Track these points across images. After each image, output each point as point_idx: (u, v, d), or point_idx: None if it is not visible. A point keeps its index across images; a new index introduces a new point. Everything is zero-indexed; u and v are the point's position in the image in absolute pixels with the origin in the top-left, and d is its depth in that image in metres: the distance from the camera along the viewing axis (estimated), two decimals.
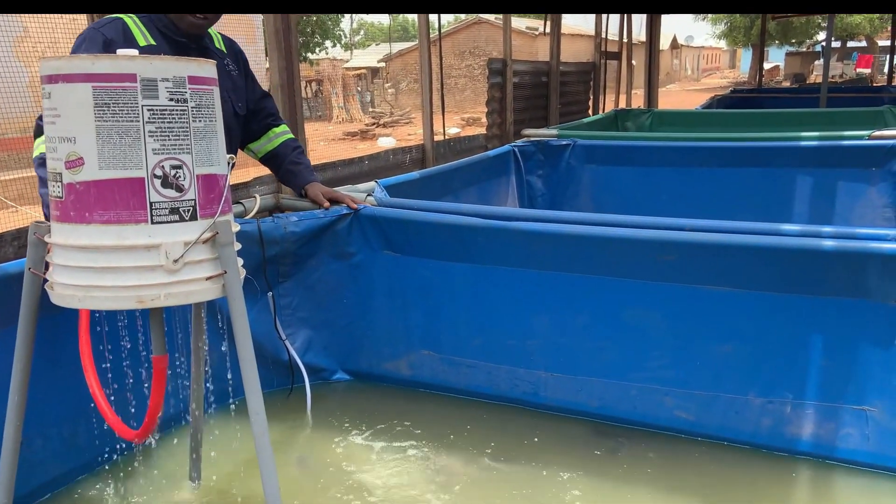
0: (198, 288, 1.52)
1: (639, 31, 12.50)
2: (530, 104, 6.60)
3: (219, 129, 1.56)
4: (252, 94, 2.56)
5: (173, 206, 1.46)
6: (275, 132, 2.66)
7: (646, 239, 2.28)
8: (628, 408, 2.44)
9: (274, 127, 2.66)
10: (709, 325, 2.31)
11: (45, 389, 1.98)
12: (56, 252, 1.48)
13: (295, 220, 2.68)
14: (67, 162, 1.41)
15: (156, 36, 2.19)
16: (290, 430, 2.54)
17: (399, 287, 2.76)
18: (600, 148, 4.58)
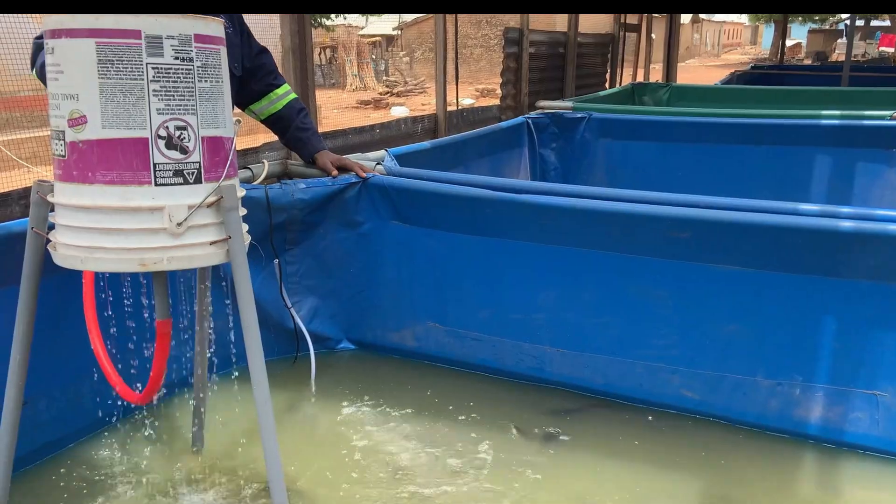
0: (201, 252, 1.50)
1: None
2: (546, 75, 6.49)
3: (225, 90, 1.53)
4: (248, 51, 2.47)
5: (177, 168, 1.43)
6: (277, 94, 2.58)
7: (659, 215, 2.24)
8: (633, 385, 2.42)
9: (276, 88, 2.58)
10: (718, 305, 2.27)
11: (49, 350, 1.98)
12: (59, 212, 1.46)
13: (303, 186, 2.65)
14: (70, 120, 1.38)
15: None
16: (293, 398, 2.54)
17: (406, 258, 2.73)
18: (616, 122, 4.51)
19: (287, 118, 2.61)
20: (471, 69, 26.18)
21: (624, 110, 4.77)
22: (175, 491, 1.99)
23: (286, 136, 2.68)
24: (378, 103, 19.98)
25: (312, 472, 2.10)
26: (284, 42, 3.43)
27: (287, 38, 3.39)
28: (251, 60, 2.49)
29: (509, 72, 5.95)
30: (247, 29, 2.50)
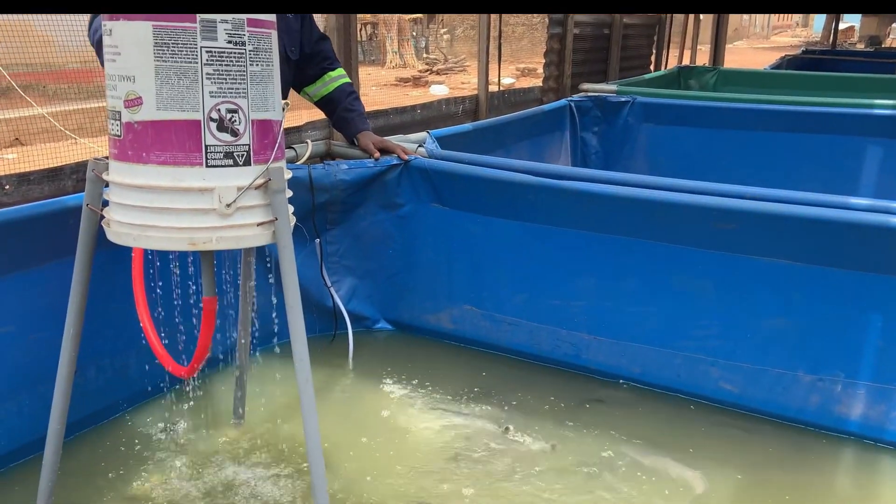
0: (249, 233, 1.53)
1: None
2: (590, 57, 6.39)
3: (275, 73, 1.54)
4: (308, 38, 2.51)
5: (228, 150, 1.46)
6: (330, 76, 2.62)
7: (705, 205, 2.21)
8: (671, 375, 2.41)
9: (330, 71, 2.62)
10: (762, 298, 2.24)
11: (99, 322, 2.04)
12: (113, 190, 1.50)
13: (345, 168, 2.67)
14: (126, 101, 1.41)
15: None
16: (330, 376, 2.59)
17: (445, 240, 2.74)
18: (661, 106, 4.43)
19: (336, 100, 2.64)
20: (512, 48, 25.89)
21: (669, 95, 4.68)
22: (215, 462, 2.04)
23: (334, 116, 2.71)
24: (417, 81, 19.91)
25: (347, 447, 2.14)
26: (329, 21, 3.43)
27: (332, 17, 3.39)
28: (311, 46, 2.53)
29: (552, 53, 5.87)
30: (309, 15, 2.52)
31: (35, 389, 1.95)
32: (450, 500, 1.93)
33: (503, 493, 1.96)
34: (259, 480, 1.97)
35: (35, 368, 1.94)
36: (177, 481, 1.96)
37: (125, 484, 1.94)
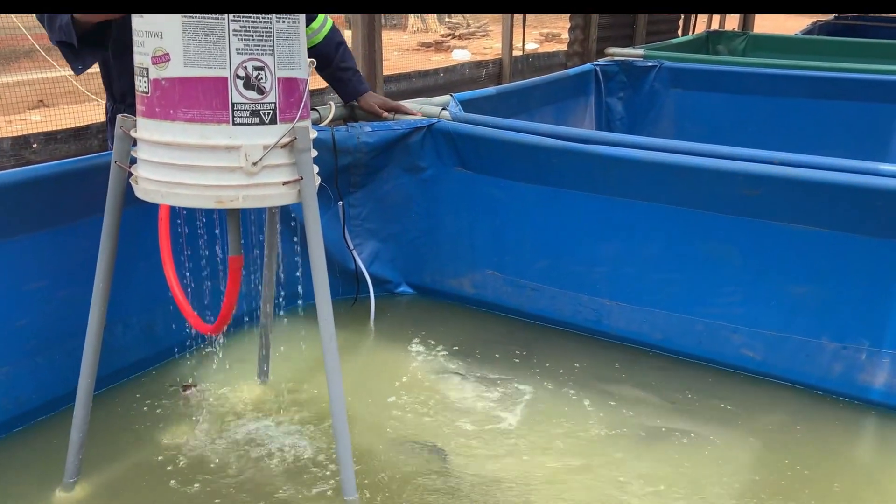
0: (274, 192, 1.53)
1: None
2: (616, 21, 6.29)
3: (301, 31, 1.54)
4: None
5: (254, 108, 1.46)
6: (312, 28, 2.46)
7: (731, 170, 2.18)
8: (693, 342, 2.41)
9: (311, 21, 2.45)
10: (786, 264, 2.22)
11: (126, 279, 2.07)
12: (141, 147, 1.51)
13: (368, 130, 2.67)
14: (154, 57, 1.41)
15: None
16: (353, 338, 2.61)
17: (468, 205, 2.74)
18: (688, 71, 4.35)
19: (325, 55, 2.48)
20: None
21: (697, 59, 4.59)
22: (240, 419, 2.08)
23: (325, 72, 2.57)
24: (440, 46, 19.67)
25: (370, 407, 2.17)
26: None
27: None
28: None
29: (578, 17, 5.78)
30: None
31: (66, 344, 1.99)
32: (473, 461, 1.95)
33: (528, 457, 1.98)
34: (283, 436, 2.01)
35: (66, 324, 1.98)
36: (202, 436, 2.00)
37: (152, 438, 1.99)
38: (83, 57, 1.86)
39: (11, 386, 1.92)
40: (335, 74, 2.59)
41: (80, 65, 1.90)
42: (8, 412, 1.92)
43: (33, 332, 1.95)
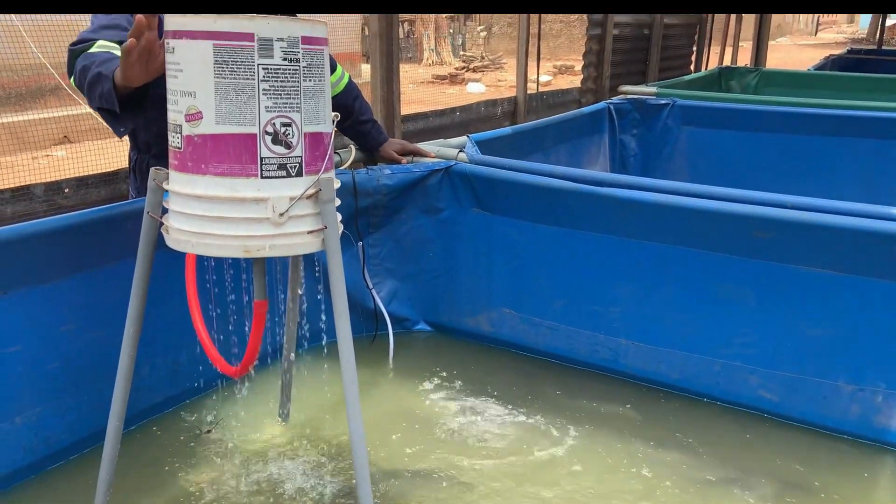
0: (300, 241, 1.59)
1: None
2: (629, 58, 6.38)
3: (326, 87, 1.60)
4: None
5: (281, 162, 1.52)
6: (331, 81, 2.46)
7: (744, 214, 2.22)
8: (710, 383, 2.42)
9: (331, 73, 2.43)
10: (801, 307, 2.24)
11: (153, 320, 2.12)
12: (173, 199, 1.58)
13: (388, 172, 2.73)
14: (187, 115, 1.48)
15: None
16: (371, 375, 2.65)
17: (485, 244, 2.79)
18: (701, 109, 4.41)
19: (344, 107, 2.54)
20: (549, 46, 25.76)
21: (709, 97, 4.65)
22: (262, 459, 2.12)
23: (345, 125, 2.63)
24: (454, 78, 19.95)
25: (389, 445, 2.20)
26: (371, 27, 3.50)
27: (374, 23, 3.45)
28: None
29: (591, 54, 5.88)
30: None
31: (94, 384, 2.04)
32: (491, 500, 1.97)
33: (544, 494, 2.00)
34: (303, 477, 2.04)
35: (94, 365, 2.04)
36: (224, 477, 2.04)
37: (176, 478, 2.03)
38: (124, 121, 1.92)
39: (41, 426, 1.97)
40: (355, 128, 2.67)
41: (122, 128, 1.95)
42: (38, 452, 1.97)
43: (63, 373, 2.00)
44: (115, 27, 1.93)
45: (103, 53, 1.84)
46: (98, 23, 1.94)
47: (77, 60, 1.87)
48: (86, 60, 1.83)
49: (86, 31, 1.95)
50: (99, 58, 1.81)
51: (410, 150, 2.79)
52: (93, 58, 1.82)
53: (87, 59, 1.83)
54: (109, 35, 1.91)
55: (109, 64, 1.77)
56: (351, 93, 2.62)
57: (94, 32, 1.92)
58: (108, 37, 1.91)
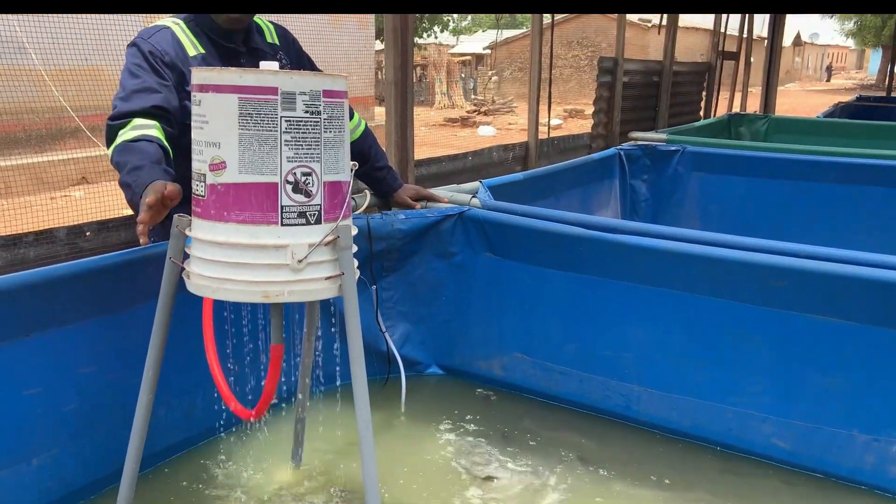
0: (317, 287, 1.62)
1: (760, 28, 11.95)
2: (639, 104, 6.47)
3: (345, 138, 1.66)
4: None
5: (301, 210, 1.57)
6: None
7: (756, 262, 2.23)
8: (723, 430, 2.41)
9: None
10: (815, 355, 2.24)
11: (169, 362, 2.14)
12: (195, 245, 1.62)
13: (402, 217, 2.78)
14: (211, 165, 1.54)
15: (205, 43, 2.17)
16: (384, 419, 2.65)
17: (497, 289, 2.81)
18: (711, 156, 4.46)
19: (361, 154, 2.59)
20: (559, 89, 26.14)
21: (719, 144, 4.70)
22: (275, 503, 2.12)
23: (360, 171, 2.61)
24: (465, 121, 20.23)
25: (400, 488, 2.20)
26: (387, 75, 3.58)
27: (390, 72, 3.53)
28: None
29: (602, 100, 5.97)
30: (305, 57, 2.50)
31: (110, 426, 2.06)
32: None
33: None
34: None
35: (111, 406, 2.06)
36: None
37: None
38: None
39: (58, 468, 1.99)
40: (371, 174, 2.72)
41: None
42: (53, 493, 1.98)
43: (80, 414, 2.03)
44: (145, 90, 2.01)
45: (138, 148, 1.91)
46: (129, 87, 2.01)
47: (115, 149, 1.95)
48: (121, 156, 1.91)
49: (118, 97, 2.03)
50: (133, 159, 1.88)
51: (424, 195, 2.84)
52: (127, 156, 1.89)
53: (124, 154, 1.90)
54: (142, 101, 1.99)
55: (136, 176, 1.84)
56: (367, 139, 2.69)
57: (127, 101, 2.00)
58: (141, 104, 1.99)
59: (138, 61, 2.05)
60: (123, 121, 1.97)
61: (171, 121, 2.03)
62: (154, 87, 2.01)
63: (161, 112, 2.01)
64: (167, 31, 2.14)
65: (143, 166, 1.85)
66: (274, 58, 2.32)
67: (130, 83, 2.01)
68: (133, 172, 1.84)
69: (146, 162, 1.86)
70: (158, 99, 2.01)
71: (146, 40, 2.09)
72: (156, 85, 2.01)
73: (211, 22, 2.17)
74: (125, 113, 1.97)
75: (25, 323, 1.88)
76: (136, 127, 1.95)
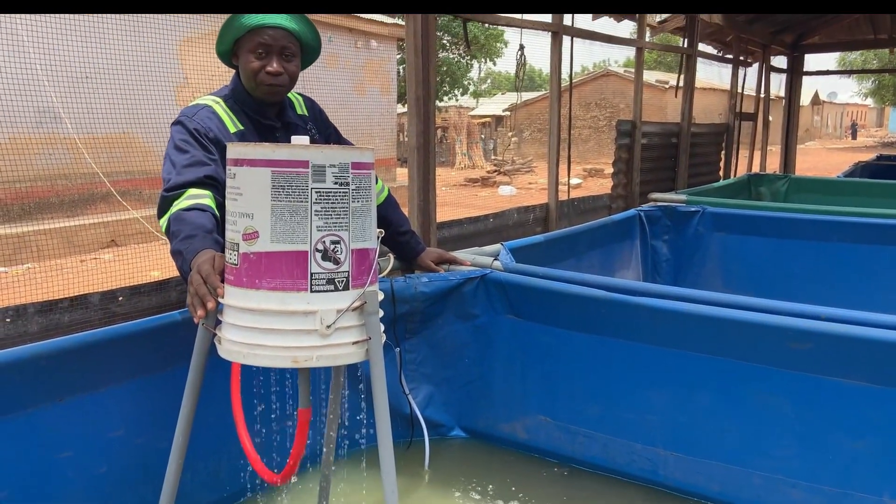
0: (345, 351, 1.66)
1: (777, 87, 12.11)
2: (658, 165, 6.55)
3: (372, 207, 1.72)
4: None
5: (330, 276, 1.62)
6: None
7: (779, 325, 2.24)
8: (751, 496, 2.37)
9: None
10: (842, 419, 2.22)
11: (195, 425, 2.19)
12: (227, 312, 1.67)
13: (425, 280, 2.83)
14: (245, 234, 1.60)
15: (243, 120, 2.26)
16: (408, 482, 2.64)
17: (519, 351, 2.83)
18: (731, 216, 4.48)
19: (384, 220, 2.65)
20: (579, 149, 26.48)
21: (739, 205, 4.73)
22: None
23: (384, 236, 2.76)
24: (486, 181, 20.50)
25: None
26: (410, 141, 3.69)
27: (413, 138, 3.65)
28: None
29: (621, 162, 6.06)
30: (332, 129, 2.60)
31: (138, 489, 2.09)
32: None
33: None
34: None
35: (140, 469, 2.09)
36: None
37: None
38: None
39: None
40: (395, 238, 2.77)
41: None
42: None
43: (110, 478, 2.05)
44: (196, 164, 2.10)
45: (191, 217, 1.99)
46: (180, 162, 2.11)
47: (170, 217, 2.03)
48: (176, 225, 1.99)
49: (169, 170, 2.12)
50: (186, 228, 1.95)
51: (447, 259, 2.90)
52: (181, 225, 1.97)
53: (178, 223, 1.98)
54: (193, 175, 2.08)
55: (189, 244, 1.91)
56: (390, 206, 2.76)
57: (180, 175, 2.09)
58: (195, 175, 2.08)
59: (185, 137, 2.15)
60: (178, 191, 2.05)
61: (221, 191, 2.11)
62: (203, 161, 2.11)
63: (213, 182, 2.10)
64: (208, 108, 2.24)
65: (195, 235, 1.92)
66: (305, 129, 2.42)
67: (181, 158, 2.11)
68: (185, 241, 1.92)
69: (199, 231, 1.93)
70: (209, 170, 2.10)
71: (191, 118, 2.19)
72: (205, 158, 2.11)
73: (248, 98, 2.28)
74: (180, 184, 2.06)
75: (59, 387, 1.93)
76: (189, 196, 2.04)
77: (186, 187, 2.05)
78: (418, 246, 2.85)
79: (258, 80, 2.20)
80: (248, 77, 2.22)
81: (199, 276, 1.74)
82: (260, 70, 2.18)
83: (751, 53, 8.72)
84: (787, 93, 9.11)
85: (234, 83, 2.30)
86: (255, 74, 2.19)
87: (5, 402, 1.82)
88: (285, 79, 2.23)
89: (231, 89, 2.30)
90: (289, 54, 2.22)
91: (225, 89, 2.32)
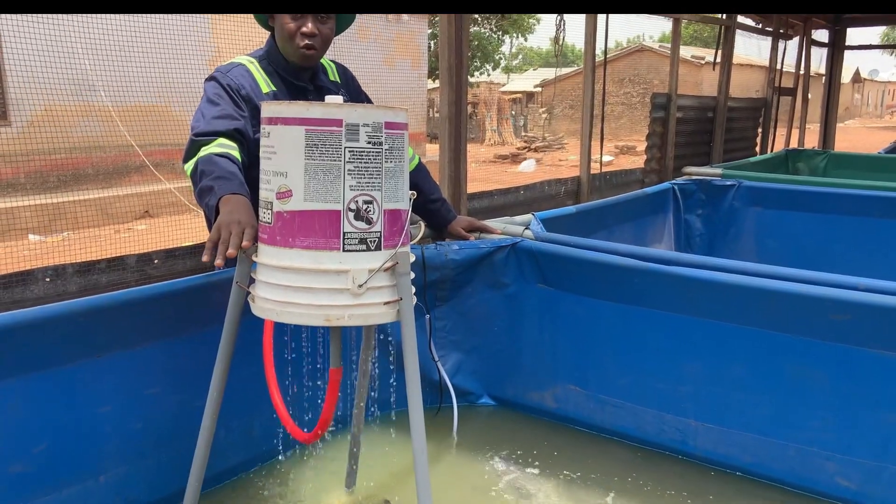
0: (376, 311, 1.67)
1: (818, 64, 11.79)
2: (693, 139, 6.43)
3: (405, 168, 1.71)
4: None
5: (362, 236, 1.62)
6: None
7: (816, 296, 2.20)
8: (784, 468, 2.35)
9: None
10: (879, 391, 2.18)
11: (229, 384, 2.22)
12: (260, 270, 1.69)
13: (456, 248, 2.82)
14: (278, 193, 1.61)
15: (276, 82, 2.27)
16: (435, 449, 2.66)
17: (549, 320, 2.82)
18: (768, 191, 4.40)
19: (415, 186, 2.59)
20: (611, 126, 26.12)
21: (777, 179, 4.64)
22: None
23: (415, 202, 2.78)
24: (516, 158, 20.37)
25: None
26: (442, 111, 3.66)
27: (444, 108, 3.62)
28: None
29: (655, 136, 5.96)
30: (363, 95, 2.60)
31: (174, 445, 2.13)
32: None
33: None
34: None
35: (175, 426, 2.13)
36: None
37: None
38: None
39: (123, 486, 2.06)
40: (425, 206, 2.75)
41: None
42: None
43: (146, 434, 2.10)
44: (227, 116, 2.12)
45: (223, 162, 1.99)
46: (210, 114, 2.12)
47: (199, 159, 2.03)
48: (207, 165, 1.99)
49: (199, 119, 2.13)
50: (218, 169, 1.96)
51: (478, 226, 2.88)
52: (213, 166, 1.97)
53: (209, 164, 1.99)
54: (223, 126, 2.09)
55: (223, 183, 1.92)
56: (421, 173, 2.75)
57: (209, 124, 2.10)
58: (225, 126, 2.09)
59: (218, 91, 2.17)
60: (209, 137, 2.07)
61: (246, 148, 2.13)
62: (234, 115, 2.13)
63: (241, 137, 2.11)
64: (242, 66, 2.26)
65: (229, 179, 1.93)
66: (337, 93, 2.41)
67: (212, 110, 2.13)
68: (218, 180, 1.92)
69: (232, 177, 1.95)
70: (239, 125, 2.12)
71: (225, 74, 2.21)
72: (235, 113, 2.13)
73: (283, 60, 2.28)
74: (210, 132, 2.07)
75: (97, 344, 1.97)
76: (220, 144, 2.05)
77: (217, 136, 2.07)
78: (449, 214, 2.84)
79: (294, 41, 2.20)
80: (283, 38, 2.22)
81: (239, 224, 1.74)
82: (296, 32, 2.18)
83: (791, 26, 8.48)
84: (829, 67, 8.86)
85: (269, 45, 2.30)
86: (291, 36, 2.19)
87: (45, 357, 1.86)
88: (319, 41, 2.23)
89: (266, 51, 2.30)
90: (324, 16, 2.21)
91: (260, 51, 2.33)
